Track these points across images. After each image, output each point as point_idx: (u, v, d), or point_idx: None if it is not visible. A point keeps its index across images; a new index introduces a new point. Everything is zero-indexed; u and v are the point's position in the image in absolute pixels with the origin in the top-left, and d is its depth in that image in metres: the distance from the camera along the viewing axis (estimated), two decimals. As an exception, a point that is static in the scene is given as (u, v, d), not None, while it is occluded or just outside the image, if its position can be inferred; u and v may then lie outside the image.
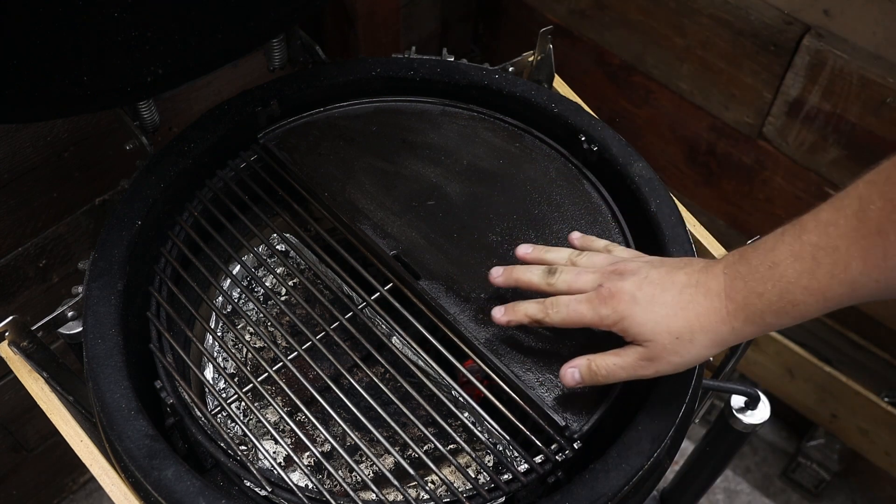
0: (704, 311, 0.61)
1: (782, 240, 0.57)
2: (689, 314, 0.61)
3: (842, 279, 0.54)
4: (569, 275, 0.68)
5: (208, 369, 0.79)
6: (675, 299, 0.62)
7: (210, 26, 0.76)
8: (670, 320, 0.62)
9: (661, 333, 0.62)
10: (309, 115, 0.89)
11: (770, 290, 0.57)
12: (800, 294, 0.56)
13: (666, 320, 0.62)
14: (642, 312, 0.63)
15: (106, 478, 0.69)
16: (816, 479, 1.58)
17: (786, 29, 1.20)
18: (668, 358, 0.63)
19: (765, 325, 0.59)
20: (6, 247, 1.08)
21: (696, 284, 0.62)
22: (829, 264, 0.54)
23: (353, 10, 1.28)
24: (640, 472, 0.66)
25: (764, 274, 0.58)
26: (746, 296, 0.59)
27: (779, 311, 0.57)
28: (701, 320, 0.61)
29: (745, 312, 0.59)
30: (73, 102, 0.74)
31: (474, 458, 0.69)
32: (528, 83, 0.91)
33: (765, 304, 0.58)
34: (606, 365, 0.65)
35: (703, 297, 0.61)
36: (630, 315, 0.63)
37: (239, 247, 0.86)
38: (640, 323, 0.63)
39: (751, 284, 0.58)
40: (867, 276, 0.53)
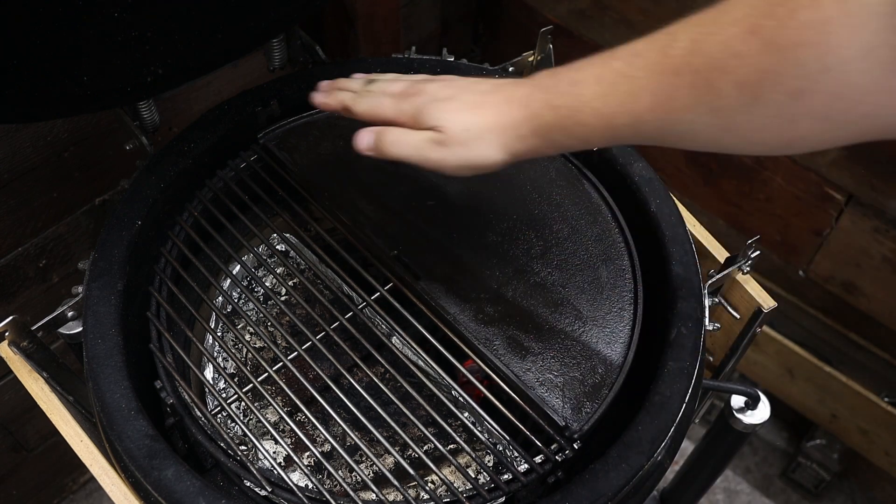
0: (497, 113, 0.61)
1: (592, 61, 0.57)
2: (483, 113, 0.62)
3: (630, 109, 0.54)
4: (385, 82, 0.70)
5: (208, 369, 0.79)
6: (473, 99, 0.63)
7: (210, 26, 0.76)
8: (464, 114, 0.62)
9: (452, 122, 0.62)
10: (309, 115, 0.89)
11: (564, 104, 0.57)
12: (589, 116, 0.56)
13: (460, 113, 0.63)
14: (439, 106, 0.64)
15: (106, 478, 0.69)
16: (816, 479, 1.58)
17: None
18: (455, 148, 0.63)
19: (551, 141, 0.59)
20: (6, 247, 1.08)
21: (498, 90, 0.62)
22: (623, 92, 0.54)
23: (353, 10, 1.28)
24: (640, 472, 0.66)
25: (564, 89, 0.57)
26: (541, 106, 0.58)
27: (566, 128, 0.58)
28: (492, 119, 0.61)
29: (535, 122, 0.59)
30: (73, 102, 0.74)
31: (474, 458, 0.69)
32: (528, 83, 0.91)
33: (555, 117, 0.58)
34: (396, 135, 0.65)
35: (501, 101, 0.61)
36: (426, 109, 0.64)
37: (239, 247, 0.86)
38: (433, 115, 0.63)
39: (549, 96, 0.58)
40: (651, 114, 0.53)
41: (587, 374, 0.71)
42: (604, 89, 0.55)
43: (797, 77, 0.45)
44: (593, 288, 0.77)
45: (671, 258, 0.78)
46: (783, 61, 0.45)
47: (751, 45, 0.46)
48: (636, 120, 0.54)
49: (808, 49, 0.44)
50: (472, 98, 0.63)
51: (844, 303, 1.40)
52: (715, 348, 0.92)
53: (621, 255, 0.80)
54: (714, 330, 0.86)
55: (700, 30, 0.50)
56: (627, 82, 0.54)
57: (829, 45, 0.44)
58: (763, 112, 0.48)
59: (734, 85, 0.48)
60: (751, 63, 0.47)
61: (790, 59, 0.45)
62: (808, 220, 1.35)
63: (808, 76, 0.45)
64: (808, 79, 0.45)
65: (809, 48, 0.44)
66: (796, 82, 0.45)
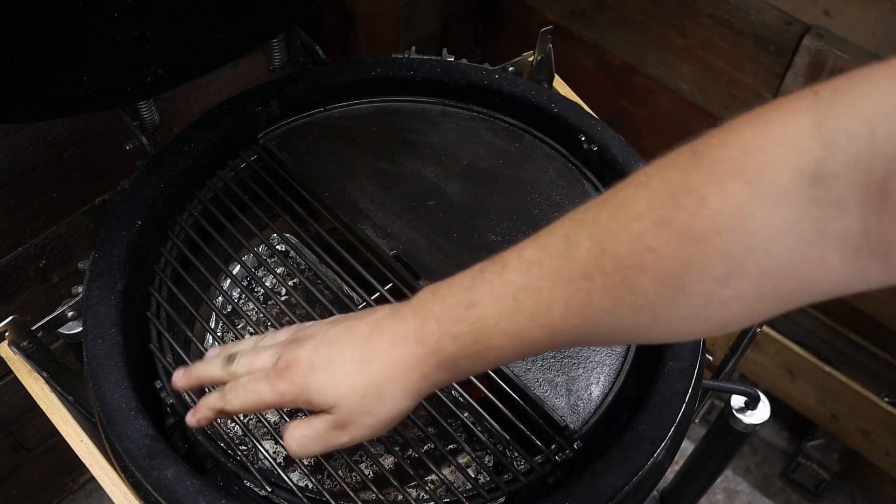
0: (390, 360, 0.54)
1: (482, 277, 0.52)
2: (374, 367, 0.54)
3: (542, 322, 0.49)
4: (247, 356, 0.61)
5: (208, 369, 0.79)
6: (356, 353, 0.55)
7: (210, 26, 0.76)
8: (353, 378, 0.55)
9: (345, 395, 0.55)
10: (309, 115, 0.89)
11: (465, 332, 0.51)
12: (497, 337, 0.51)
13: (348, 379, 0.55)
14: (322, 377, 0.56)
15: (106, 478, 0.69)
16: (816, 479, 1.58)
17: (786, 29, 1.20)
18: (361, 420, 0.56)
19: (459, 371, 0.53)
20: (6, 247, 1.08)
21: (380, 332, 0.55)
22: (531, 307, 0.49)
23: (353, 10, 1.28)
24: (640, 472, 0.66)
25: (460, 314, 0.52)
26: (439, 338, 0.52)
27: (474, 355, 0.52)
28: (387, 371, 0.54)
29: (436, 357, 0.53)
30: (73, 102, 0.74)
31: (474, 458, 0.69)
32: (528, 83, 0.91)
33: (459, 347, 0.52)
34: (296, 437, 0.57)
35: (388, 345, 0.54)
36: (309, 384, 0.56)
37: (239, 247, 0.86)
38: (320, 390, 0.55)
39: (444, 326, 0.52)
40: (568, 322, 0.48)
41: (587, 374, 0.71)
42: (508, 307, 0.50)
43: (722, 263, 0.43)
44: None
45: (671, 258, 0.78)
46: (704, 250, 0.43)
47: (663, 238, 0.44)
48: (551, 332, 0.49)
49: (727, 235, 0.42)
50: (353, 352, 0.55)
51: (844, 303, 1.40)
52: (715, 348, 0.92)
53: (621, 255, 0.79)
54: (714, 330, 0.86)
55: (600, 228, 0.47)
56: (532, 295, 0.49)
57: (749, 229, 0.42)
58: (690, 303, 0.45)
59: (654, 280, 0.45)
60: (668, 256, 0.44)
61: (711, 246, 0.43)
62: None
63: (732, 261, 0.43)
64: (734, 263, 0.43)
65: (729, 234, 0.42)
66: (722, 268, 0.43)
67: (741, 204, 0.41)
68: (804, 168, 0.40)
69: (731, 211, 0.42)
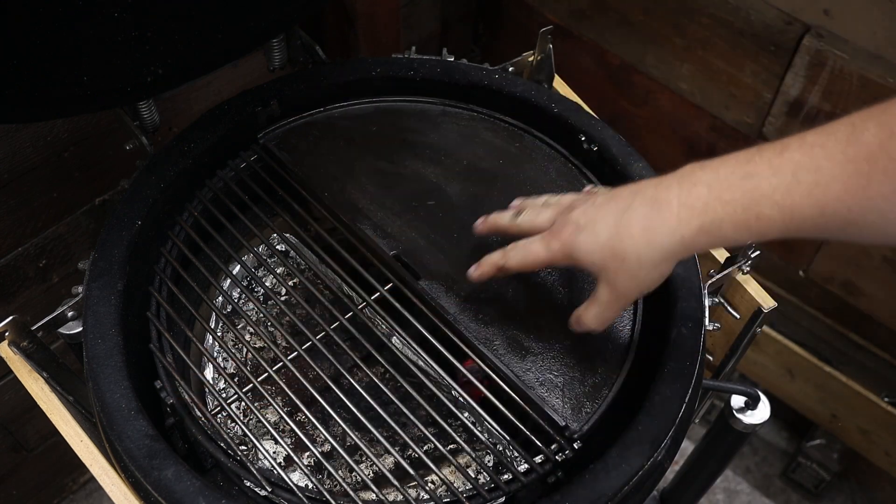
0: (648, 225, 0.57)
1: (760, 154, 0.55)
2: (633, 230, 0.58)
3: (817, 200, 0.52)
4: (531, 212, 0.68)
5: (208, 369, 0.79)
6: (618, 218, 0.59)
7: (210, 26, 0.76)
8: (614, 242, 0.59)
9: (607, 258, 0.59)
10: (309, 115, 0.89)
11: (738, 198, 0.54)
12: (769, 208, 0.53)
13: (610, 242, 0.59)
14: (586, 239, 0.60)
15: (106, 478, 0.69)
16: (816, 479, 1.58)
17: (786, 29, 1.20)
18: (624, 284, 0.60)
19: (719, 237, 0.56)
20: (6, 247, 1.08)
21: (642, 197, 0.58)
22: (809, 183, 0.52)
23: (353, 10, 1.28)
24: (640, 472, 0.66)
25: (734, 183, 0.55)
26: (708, 202, 0.55)
27: (740, 222, 0.55)
28: (646, 234, 0.57)
29: (701, 219, 0.56)
30: (73, 102, 0.74)
31: (474, 458, 0.69)
32: (528, 83, 0.91)
33: (727, 212, 0.55)
34: (591, 316, 0.65)
35: (647, 209, 0.57)
36: (575, 244, 0.61)
37: (239, 247, 0.86)
38: (585, 251, 0.60)
39: (715, 192, 0.55)
40: (841, 202, 0.51)
41: (587, 374, 0.71)
42: (785, 181, 0.53)
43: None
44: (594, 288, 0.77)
45: (671, 258, 0.78)
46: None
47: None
48: (822, 210, 0.52)
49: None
50: (615, 217, 0.59)
51: (844, 303, 1.40)
52: (715, 348, 0.92)
53: (621, 255, 0.79)
54: (714, 330, 0.86)
55: (889, 118, 0.49)
56: (812, 173, 0.52)
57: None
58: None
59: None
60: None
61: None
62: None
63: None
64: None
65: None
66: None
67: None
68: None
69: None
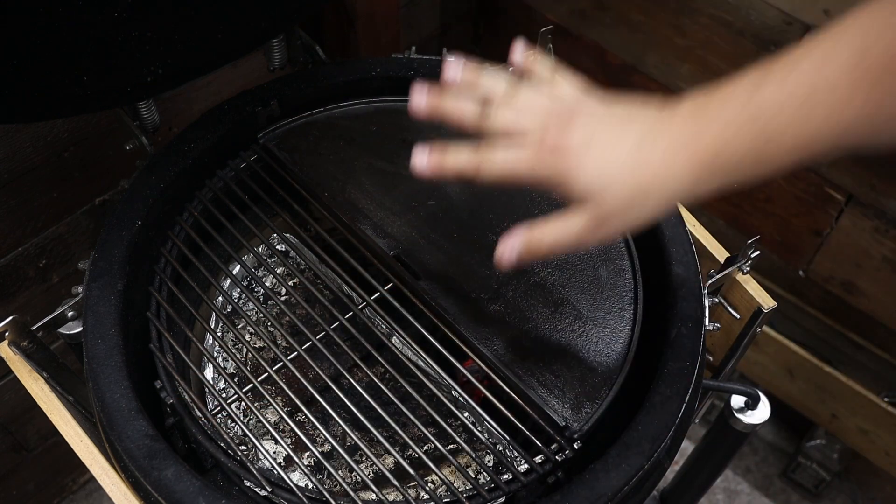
0: (666, 168, 0.52)
1: (768, 78, 0.50)
2: (646, 170, 0.53)
3: (836, 122, 0.48)
4: (509, 112, 0.57)
5: (208, 369, 0.79)
6: (631, 155, 0.53)
7: (210, 26, 0.76)
8: (627, 178, 0.53)
9: (613, 195, 0.54)
10: (309, 115, 0.89)
11: (755, 134, 0.50)
12: (789, 139, 0.49)
13: (621, 178, 0.53)
14: (594, 166, 0.54)
15: (106, 478, 0.69)
16: (816, 479, 1.58)
17: (786, 29, 1.20)
18: (619, 219, 0.55)
19: (735, 176, 0.52)
20: (6, 247, 1.08)
21: (659, 135, 0.53)
22: (827, 106, 0.48)
23: (353, 10, 1.28)
24: (640, 472, 0.66)
25: (749, 115, 0.50)
26: (723, 144, 0.51)
27: (758, 159, 0.51)
28: (662, 178, 0.53)
29: (716, 161, 0.51)
30: (73, 102, 0.74)
31: (474, 458, 0.69)
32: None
33: (745, 150, 0.50)
34: (552, 234, 0.56)
35: (661, 150, 0.52)
36: (577, 173, 0.54)
37: (239, 247, 0.86)
38: (589, 177, 0.54)
39: (731, 130, 0.50)
40: (862, 120, 0.47)
41: (587, 374, 0.71)
42: (802, 109, 0.49)
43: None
44: (593, 288, 0.77)
45: (671, 258, 0.78)
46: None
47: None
48: (842, 133, 0.49)
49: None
50: (630, 151, 0.53)
51: (844, 303, 1.40)
52: (715, 348, 0.92)
53: (621, 255, 0.80)
54: (714, 330, 0.86)
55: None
56: (828, 95, 0.48)
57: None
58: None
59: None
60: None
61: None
62: (808, 220, 1.35)
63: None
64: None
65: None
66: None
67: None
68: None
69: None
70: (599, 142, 0.54)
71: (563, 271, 0.78)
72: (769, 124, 0.50)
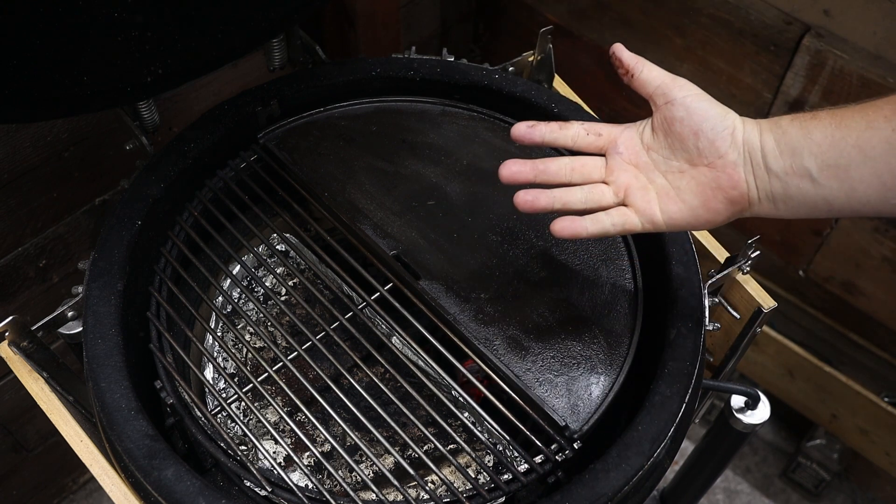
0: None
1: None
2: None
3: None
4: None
5: (208, 369, 0.79)
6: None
7: (210, 26, 0.76)
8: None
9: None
10: (309, 115, 0.89)
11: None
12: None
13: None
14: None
15: (106, 478, 0.69)
16: (816, 479, 1.58)
17: (786, 29, 1.20)
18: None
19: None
20: (6, 247, 1.08)
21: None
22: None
23: (353, 10, 1.28)
24: (640, 472, 0.66)
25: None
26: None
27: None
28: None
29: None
30: (73, 102, 0.74)
31: (474, 458, 0.69)
32: (528, 83, 0.91)
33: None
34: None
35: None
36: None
37: (239, 247, 0.86)
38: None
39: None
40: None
41: (587, 374, 0.71)
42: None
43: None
44: (593, 288, 0.77)
45: (671, 258, 0.78)
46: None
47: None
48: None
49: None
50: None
51: (844, 303, 1.40)
52: (715, 348, 0.92)
53: (621, 255, 0.80)
54: (714, 330, 0.86)
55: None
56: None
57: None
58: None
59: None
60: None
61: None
62: (808, 220, 1.35)
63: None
64: None
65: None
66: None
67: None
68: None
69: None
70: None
71: (563, 271, 0.78)
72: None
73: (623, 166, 0.67)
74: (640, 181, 0.66)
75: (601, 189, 0.67)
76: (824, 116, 0.60)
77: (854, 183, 0.58)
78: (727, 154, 0.62)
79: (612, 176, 0.67)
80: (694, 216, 0.64)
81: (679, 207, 0.64)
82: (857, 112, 0.58)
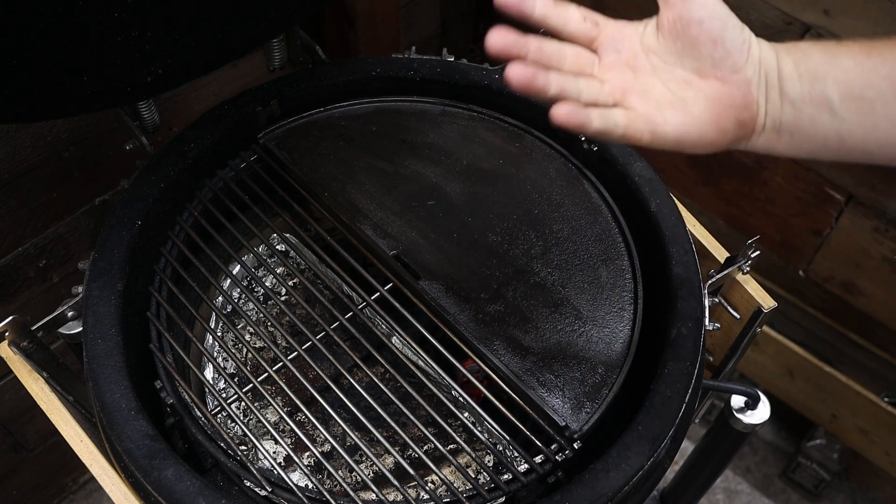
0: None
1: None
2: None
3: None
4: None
5: (208, 369, 0.79)
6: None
7: (210, 26, 0.76)
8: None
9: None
10: (309, 115, 0.89)
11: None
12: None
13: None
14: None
15: (106, 478, 0.69)
16: (816, 479, 1.58)
17: (786, 29, 1.20)
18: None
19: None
20: (6, 247, 1.08)
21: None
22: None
23: (353, 10, 1.28)
24: (640, 472, 0.66)
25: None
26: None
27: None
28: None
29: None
30: (73, 102, 0.74)
31: (474, 458, 0.69)
32: (528, 83, 0.91)
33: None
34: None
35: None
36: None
37: (239, 247, 0.86)
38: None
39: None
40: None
41: (587, 374, 0.71)
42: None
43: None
44: (593, 288, 0.77)
45: (671, 258, 0.78)
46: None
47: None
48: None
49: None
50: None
51: (844, 303, 1.40)
52: (715, 348, 0.92)
53: (621, 255, 0.80)
54: (714, 330, 0.86)
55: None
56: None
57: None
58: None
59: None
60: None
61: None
62: (808, 220, 1.35)
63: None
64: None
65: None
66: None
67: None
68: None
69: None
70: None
71: (563, 271, 0.78)
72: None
73: (619, 66, 0.58)
74: (639, 85, 0.57)
75: (598, 85, 0.57)
76: (852, 45, 0.54)
77: (877, 119, 0.53)
78: (744, 70, 0.56)
79: (607, 75, 0.58)
80: (700, 133, 0.56)
81: (686, 120, 0.56)
82: (893, 43, 0.53)
